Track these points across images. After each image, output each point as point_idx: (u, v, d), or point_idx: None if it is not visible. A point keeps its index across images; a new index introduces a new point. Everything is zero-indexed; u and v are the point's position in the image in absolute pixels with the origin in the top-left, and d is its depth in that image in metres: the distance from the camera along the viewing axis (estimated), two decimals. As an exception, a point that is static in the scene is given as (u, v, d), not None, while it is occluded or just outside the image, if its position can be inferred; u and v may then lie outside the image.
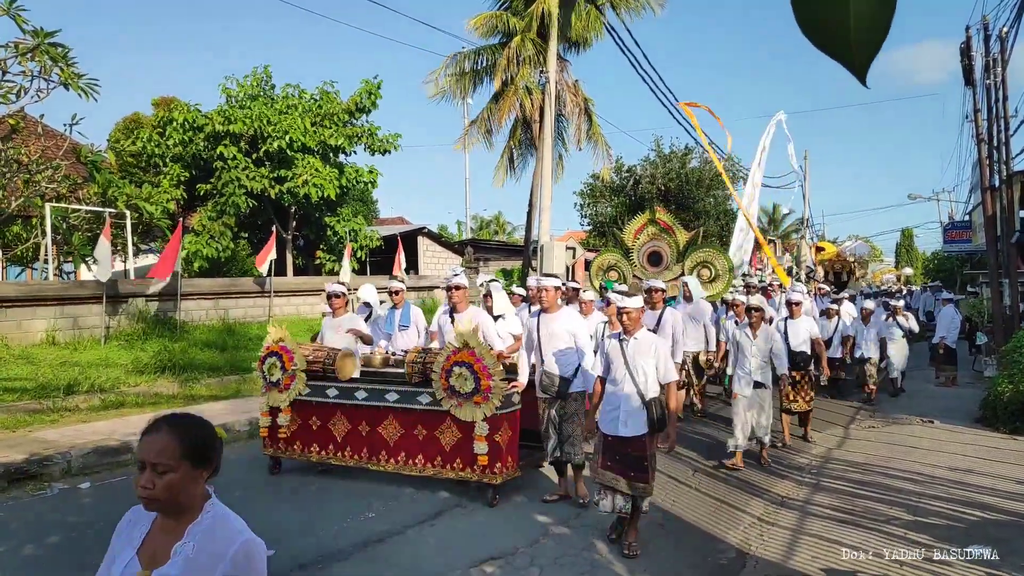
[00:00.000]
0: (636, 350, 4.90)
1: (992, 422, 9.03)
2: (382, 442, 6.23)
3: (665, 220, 10.59)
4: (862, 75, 0.87)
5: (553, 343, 5.78)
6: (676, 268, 10.25)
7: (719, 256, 10.20)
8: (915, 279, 35.29)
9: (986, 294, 17.86)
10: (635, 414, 4.78)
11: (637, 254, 10.56)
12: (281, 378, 6.51)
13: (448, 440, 5.90)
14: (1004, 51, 13.04)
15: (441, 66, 20.92)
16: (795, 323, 8.40)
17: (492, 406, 5.59)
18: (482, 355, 5.62)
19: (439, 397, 5.81)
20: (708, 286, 9.90)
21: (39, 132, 15.31)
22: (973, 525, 5.40)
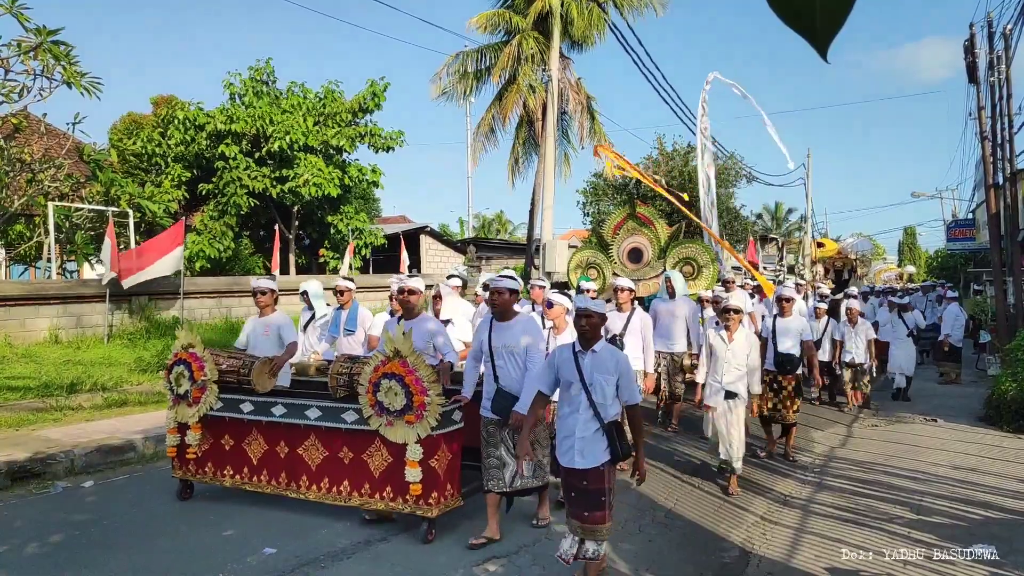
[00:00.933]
0: (594, 365, 4.08)
1: (996, 421, 9.01)
2: (303, 466, 5.40)
3: (646, 214, 10.02)
4: (823, 50, 0.87)
5: (507, 356, 4.98)
6: (658, 264, 9.72)
7: (703, 251, 9.71)
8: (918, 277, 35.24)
9: (990, 292, 17.82)
10: (592, 442, 4.03)
11: (617, 250, 10.03)
12: (190, 390, 5.68)
13: (377, 464, 5.09)
14: (1008, 49, 13.00)
15: (444, 65, 20.93)
16: (785, 322, 7.49)
17: (427, 426, 4.75)
18: (415, 366, 4.79)
19: (366, 415, 4.96)
20: (691, 283, 9.35)
21: (42, 131, 15.34)
22: (976, 524, 5.39)
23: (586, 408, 4.05)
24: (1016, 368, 9.42)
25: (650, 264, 9.76)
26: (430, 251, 26.91)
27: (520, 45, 19.42)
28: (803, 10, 0.85)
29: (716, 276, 9.51)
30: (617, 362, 4.09)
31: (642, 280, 9.63)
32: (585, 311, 4.11)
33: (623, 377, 4.08)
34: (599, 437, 4.03)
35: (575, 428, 4.06)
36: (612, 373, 4.05)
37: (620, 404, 4.15)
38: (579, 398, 4.08)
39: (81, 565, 4.67)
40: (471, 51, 21.03)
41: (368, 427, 5.01)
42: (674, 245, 9.67)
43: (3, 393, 9.19)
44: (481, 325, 5.24)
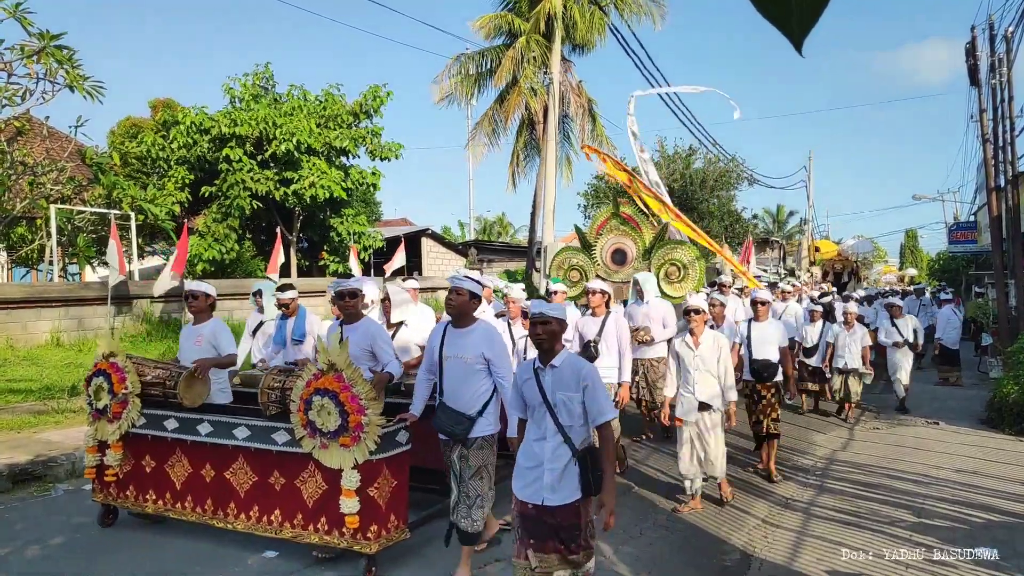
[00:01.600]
0: (555, 382, 3.49)
1: (997, 423, 9.00)
2: (230, 492, 4.81)
3: (629, 214, 9.58)
4: (799, 43, 0.88)
5: (458, 367, 4.37)
6: (642, 266, 9.20)
7: (687, 251, 9.16)
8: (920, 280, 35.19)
9: (992, 295, 17.81)
10: (565, 474, 3.43)
11: (600, 252, 9.53)
12: (109, 404, 5.13)
13: (311, 492, 4.49)
14: (1009, 51, 13.01)
15: (445, 68, 20.99)
16: (761, 327, 6.98)
17: (365, 450, 4.19)
18: (352, 381, 4.22)
19: (298, 436, 4.40)
20: (676, 286, 8.83)
21: (44, 134, 15.39)
22: (978, 527, 5.38)
23: (554, 433, 3.46)
24: (1018, 371, 9.41)
25: (634, 266, 9.25)
26: (431, 254, 26.93)
27: (522, 48, 19.46)
28: (780, 4, 0.86)
29: (703, 277, 8.99)
30: (579, 375, 3.47)
31: (627, 283, 9.17)
32: (540, 317, 3.52)
33: (588, 391, 3.46)
34: (572, 467, 3.43)
35: (544, 457, 3.47)
36: (575, 389, 3.46)
37: (590, 425, 3.52)
38: (545, 422, 3.51)
39: (82, 568, 4.68)
40: (472, 54, 21.10)
41: (301, 450, 4.43)
42: (659, 246, 9.22)
43: (5, 396, 9.21)
44: (434, 331, 4.63)
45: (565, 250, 9.99)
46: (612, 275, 9.27)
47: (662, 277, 8.77)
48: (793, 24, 0.87)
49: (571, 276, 9.45)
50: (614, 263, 9.43)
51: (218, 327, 5.51)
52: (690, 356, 5.83)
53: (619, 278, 9.17)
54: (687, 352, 5.87)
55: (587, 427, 3.51)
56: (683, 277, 8.85)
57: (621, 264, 9.37)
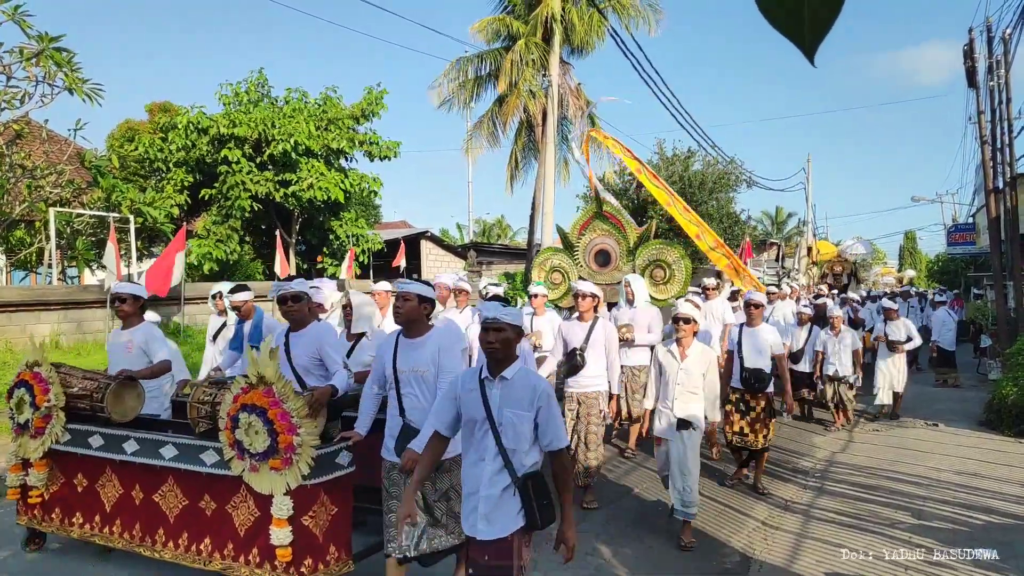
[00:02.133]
0: (504, 397, 3.08)
1: (996, 425, 9.01)
2: (160, 516, 4.32)
3: (613, 214, 9.19)
4: (811, 54, 0.87)
5: (416, 382, 3.88)
6: (627, 267, 8.86)
7: (673, 251, 8.75)
8: (919, 282, 35.22)
9: (990, 296, 17.82)
10: (502, 502, 3.02)
11: (583, 253, 9.16)
12: (31, 419, 4.69)
13: (243, 519, 4.00)
14: (1007, 53, 13.04)
15: (444, 72, 21.00)
16: (753, 332, 6.43)
17: (297, 474, 3.73)
18: (283, 396, 3.75)
19: (227, 456, 3.92)
20: (662, 288, 8.49)
21: (43, 137, 15.36)
22: (977, 528, 5.38)
23: (495, 456, 3.05)
24: (1017, 372, 9.42)
25: (618, 267, 8.92)
26: (430, 256, 26.94)
27: (520, 51, 19.49)
28: (792, 15, 0.86)
29: (689, 279, 8.62)
30: (534, 392, 3.06)
31: (611, 285, 8.82)
32: (493, 322, 3.10)
33: (543, 412, 3.05)
34: (510, 496, 3.03)
35: (480, 483, 3.07)
36: (527, 408, 3.04)
37: (540, 449, 3.11)
38: (486, 442, 3.08)
39: (81, 570, 4.67)
40: (471, 57, 21.11)
41: (231, 472, 3.93)
42: (643, 247, 8.84)
43: (4, 399, 9.19)
44: (385, 341, 4.16)
45: (547, 251, 9.67)
46: (595, 276, 8.82)
47: (647, 278, 8.46)
48: (805, 35, 0.87)
49: (553, 278, 9.14)
50: (597, 264, 9.08)
51: (150, 333, 5.09)
52: (674, 368, 5.29)
53: (603, 279, 8.76)
54: (671, 363, 5.33)
55: (535, 452, 3.09)
56: (669, 278, 8.53)
57: (604, 265, 9.03)
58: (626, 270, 8.74)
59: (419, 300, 3.89)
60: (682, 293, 8.27)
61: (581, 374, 5.96)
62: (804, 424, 9.50)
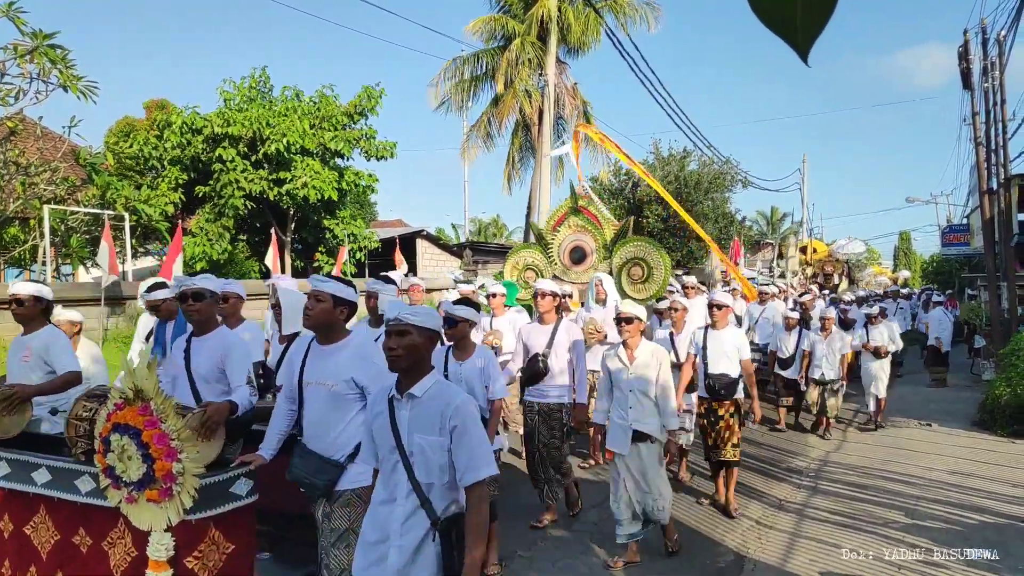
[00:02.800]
0: (414, 420, 2.58)
1: (990, 425, 9.04)
2: (32, 552, 3.68)
3: (589, 209, 8.83)
4: (804, 54, 0.86)
5: (320, 396, 3.33)
6: (603, 266, 8.45)
7: (654, 251, 8.32)
8: (913, 283, 35.31)
9: (984, 297, 17.89)
10: (420, 555, 2.53)
11: (558, 250, 8.75)
12: None
13: (119, 559, 3.36)
14: (1002, 55, 13.07)
15: (440, 71, 21.01)
16: (718, 336, 5.87)
17: (178, 507, 3.12)
18: (161, 414, 3.15)
19: (102, 484, 3.30)
20: (640, 287, 8.12)
21: (38, 134, 15.33)
22: (971, 528, 5.40)
23: (407, 494, 2.53)
24: (1010, 373, 9.45)
25: (594, 265, 8.54)
26: (426, 255, 26.91)
27: (517, 51, 19.50)
28: (784, 15, 0.85)
29: (668, 278, 8.24)
30: (447, 410, 2.53)
31: (586, 284, 8.27)
32: (395, 324, 2.58)
33: (460, 437, 2.50)
34: (429, 544, 2.51)
35: (390, 529, 2.54)
36: (438, 432, 2.52)
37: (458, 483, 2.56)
38: (396, 477, 2.57)
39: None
40: (468, 56, 21.12)
41: (108, 502, 3.30)
42: (621, 243, 8.40)
43: None
44: (295, 347, 3.64)
45: (520, 248, 9.29)
46: (570, 274, 8.60)
47: (624, 277, 8.21)
48: (798, 34, 0.86)
49: (526, 276, 8.69)
50: (572, 262, 8.70)
51: (51, 339, 4.45)
52: (623, 373, 4.78)
53: (578, 278, 8.50)
54: (619, 368, 4.81)
55: (453, 488, 2.57)
56: (647, 277, 8.15)
57: (580, 263, 8.65)
58: (603, 268, 8.38)
59: (334, 302, 3.33)
60: (660, 293, 8.00)
61: (543, 382, 5.38)
62: (800, 423, 9.51)
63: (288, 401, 3.56)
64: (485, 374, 4.37)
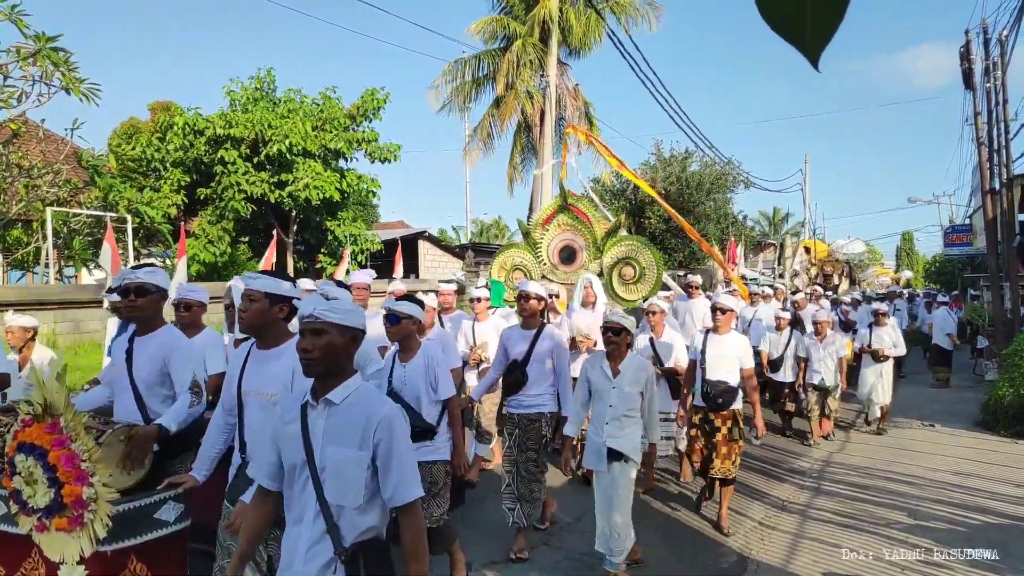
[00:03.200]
0: (329, 431, 2.24)
1: (993, 426, 9.03)
2: None
3: (579, 207, 8.53)
4: (815, 59, 0.85)
5: (259, 408, 3.01)
6: (593, 265, 8.19)
7: (646, 250, 8.06)
8: (916, 283, 35.25)
9: (987, 297, 17.85)
10: None
11: (547, 249, 8.48)
12: None
13: None
14: (1004, 54, 13.06)
15: (442, 73, 21.02)
16: (719, 341, 5.51)
17: (91, 536, 2.75)
18: (72, 432, 2.80)
19: (12, 510, 2.96)
20: (631, 288, 7.89)
21: (40, 136, 15.35)
22: (974, 529, 5.39)
23: (315, 517, 2.22)
24: (1013, 373, 9.43)
25: (584, 264, 8.28)
26: (428, 256, 26.93)
27: (518, 52, 19.51)
28: (794, 20, 0.84)
29: (660, 279, 7.97)
30: (369, 422, 2.20)
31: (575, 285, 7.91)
32: (310, 322, 2.26)
33: (387, 453, 2.20)
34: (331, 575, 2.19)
35: (294, 555, 2.23)
36: (357, 445, 2.20)
37: (383, 505, 2.26)
38: (305, 497, 2.25)
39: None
40: (469, 58, 21.13)
41: (19, 529, 2.95)
42: (611, 242, 8.13)
43: None
44: (234, 356, 3.30)
45: (508, 248, 8.88)
46: (559, 274, 8.31)
47: (615, 277, 7.98)
48: (808, 39, 0.85)
49: (514, 277, 8.40)
50: (562, 261, 8.42)
51: None
52: (606, 386, 4.34)
53: (568, 278, 8.20)
54: (600, 380, 4.37)
55: (374, 510, 2.25)
56: (638, 277, 7.88)
57: (569, 262, 8.38)
58: (593, 268, 8.13)
59: (270, 300, 3.01)
60: (653, 294, 7.71)
61: (521, 391, 4.93)
62: (799, 423, 9.49)
63: (226, 413, 3.21)
64: (430, 372, 4.03)
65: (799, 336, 8.75)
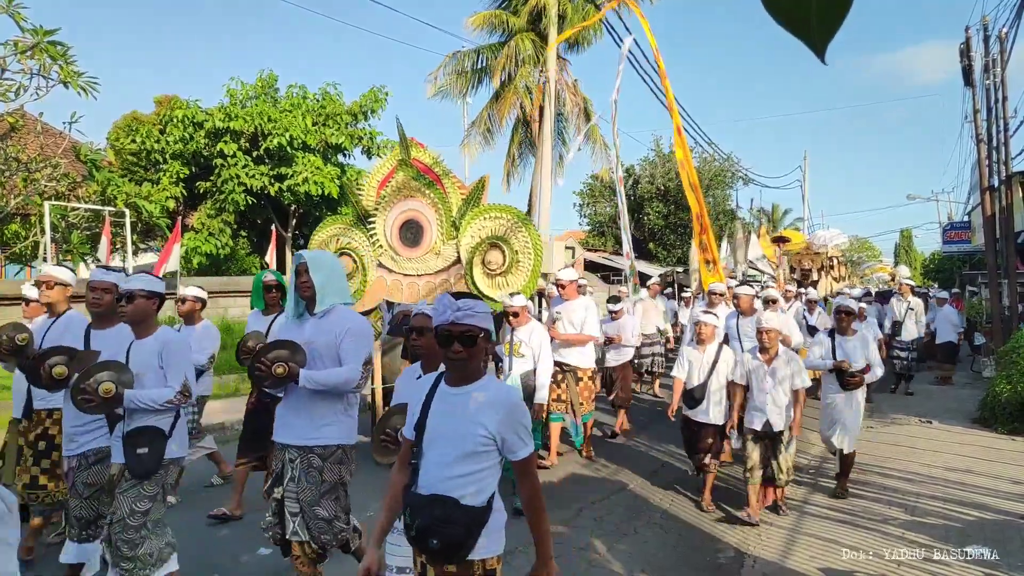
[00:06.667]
0: None
1: (990, 422, 9.05)
2: None
3: (427, 164, 6.17)
4: (821, 52, 0.85)
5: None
6: (449, 249, 6.08)
7: (520, 227, 5.90)
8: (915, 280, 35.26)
9: (985, 295, 17.88)
10: None
11: (383, 224, 6.22)
12: None
13: None
14: (1003, 52, 13.05)
15: (440, 65, 21.00)
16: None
17: None
18: None
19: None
20: (498, 279, 5.88)
21: (38, 130, 15.33)
22: (970, 525, 5.41)
23: None
24: (1011, 370, 9.45)
25: (435, 247, 6.12)
26: (427, 252, 26.91)
27: (517, 46, 19.47)
28: (799, 14, 0.84)
29: (539, 268, 5.86)
30: None
31: (424, 277, 6.11)
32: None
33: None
34: None
35: None
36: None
37: None
38: None
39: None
40: (468, 51, 21.09)
41: None
42: (472, 214, 6.00)
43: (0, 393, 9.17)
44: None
45: (332, 223, 6.59)
46: (401, 262, 6.22)
47: (477, 265, 5.92)
48: (813, 33, 0.84)
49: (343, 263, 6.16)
50: (404, 241, 6.22)
51: None
52: None
53: (414, 267, 6.21)
54: None
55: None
56: (509, 266, 5.83)
57: (415, 244, 6.19)
58: (448, 252, 6.12)
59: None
60: (529, 289, 5.92)
61: None
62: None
63: None
64: None
65: (731, 354, 5.94)
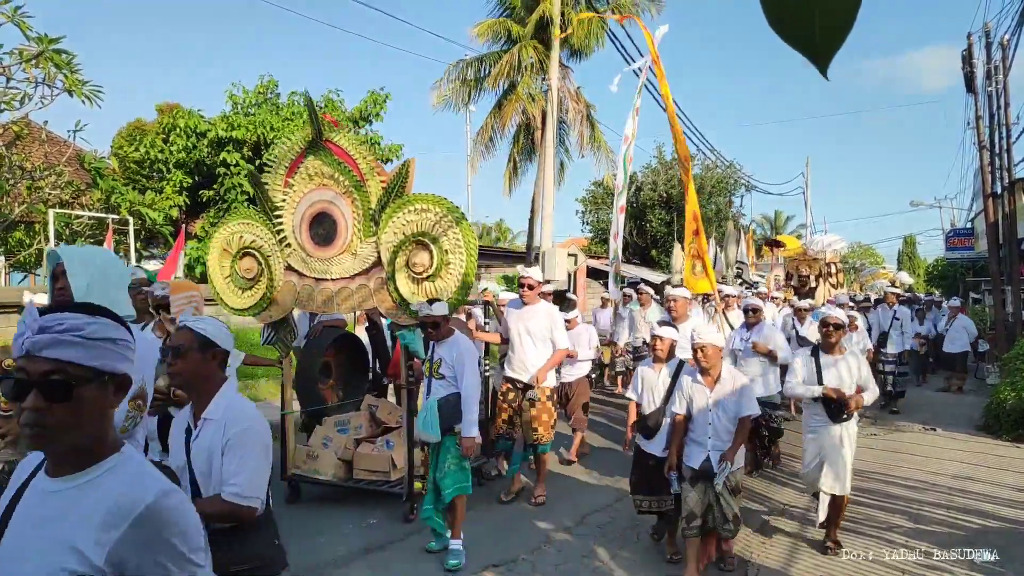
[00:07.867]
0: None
1: (994, 430, 9.01)
2: None
3: (341, 147, 5.37)
4: (824, 67, 0.85)
5: None
6: (366, 247, 5.26)
7: (451, 225, 5.06)
8: (918, 287, 35.23)
9: (988, 301, 17.83)
10: None
11: (292, 218, 5.44)
12: None
13: None
14: (1006, 58, 13.07)
15: (444, 74, 21.06)
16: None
17: None
18: None
19: None
20: (425, 285, 5.06)
21: (43, 138, 15.36)
22: (974, 532, 5.39)
23: None
24: (1015, 377, 9.43)
25: (350, 246, 5.31)
26: (430, 259, 26.93)
27: (520, 54, 19.55)
28: (802, 28, 0.83)
29: (472, 272, 5.01)
30: None
31: (339, 281, 5.34)
32: None
33: None
34: None
35: None
36: None
37: None
38: None
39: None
40: (471, 59, 21.17)
41: None
42: (395, 206, 5.16)
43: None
44: None
45: (235, 218, 5.74)
46: (313, 264, 5.41)
47: (401, 268, 5.11)
48: (817, 47, 0.83)
49: (242, 268, 5.57)
50: (315, 239, 5.40)
51: None
52: None
53: (327, 269, 5.37)
54: None
55: None
56: (437, 269, 5.02)
57: (328, 242, 5.36)
58: (365, 252, 5.26)
59: None
60: (458, 299, 5.09)
61: None
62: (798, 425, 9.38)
63: None
64: None
65: (684, 376, 4.74)
